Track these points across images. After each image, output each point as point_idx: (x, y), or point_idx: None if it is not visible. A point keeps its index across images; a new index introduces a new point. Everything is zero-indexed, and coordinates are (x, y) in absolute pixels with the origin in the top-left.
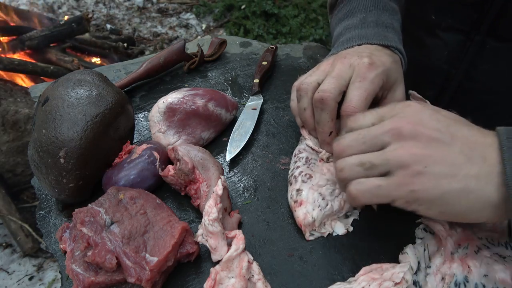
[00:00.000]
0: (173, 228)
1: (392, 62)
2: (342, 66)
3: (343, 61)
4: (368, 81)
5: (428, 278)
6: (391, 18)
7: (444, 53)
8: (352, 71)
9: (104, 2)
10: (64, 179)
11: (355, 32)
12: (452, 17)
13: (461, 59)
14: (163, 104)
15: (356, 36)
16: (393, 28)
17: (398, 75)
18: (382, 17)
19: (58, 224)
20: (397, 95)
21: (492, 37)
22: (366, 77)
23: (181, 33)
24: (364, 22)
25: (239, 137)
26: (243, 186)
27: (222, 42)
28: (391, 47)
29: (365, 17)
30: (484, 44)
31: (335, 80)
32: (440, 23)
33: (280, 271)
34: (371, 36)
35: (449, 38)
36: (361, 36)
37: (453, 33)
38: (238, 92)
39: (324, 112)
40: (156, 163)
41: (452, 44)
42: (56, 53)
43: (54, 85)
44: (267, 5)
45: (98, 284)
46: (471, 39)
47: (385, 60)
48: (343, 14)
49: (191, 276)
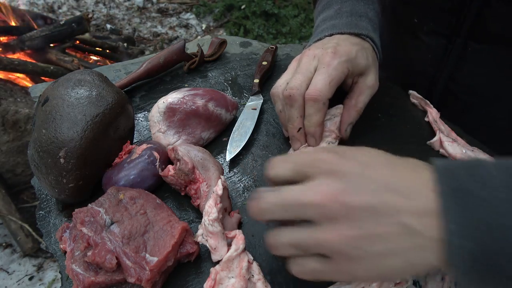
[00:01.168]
0: (173, 228)
1: (358, 50)
2: (307, 59)
3: (308, 54)
4: (332, 67)
5: (428, 278)
6: (365, 7)
7: (428, 56)
8: (317, 62)
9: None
10: (64, 179)
11: (329, 23)
12: (433, 21)
13: (444, 62)
14: (163, 104)
15: (329, 26)
16: (366, 17)
17: (368, 62)
18: (356, 7)
19: (58, 224)
20: (368, 81)
21: (473, 40)
22: (329, 64)
23: (181, 33)
24: (339, 12)
25: (239, 137)
26: (243, 186)
27: (222, 42)
28: (362, 35)
29: (340, 7)
30: (466, 47)
31: (300, 76)
32: (422, 26)
33: (280, 271)
34: (343, 25)
35: (431, 41)
36: (333, 26)
37: (435, 36)
38: (238, 92)
39: (293, 108)
40: (156, 163)
41: (434, 48)
42: (56, 53)
43: (54, 85)
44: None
45: (98, 284)
46: (452, 42)
47: (349, 49)
48: (322, 7)
49: (191, 276)
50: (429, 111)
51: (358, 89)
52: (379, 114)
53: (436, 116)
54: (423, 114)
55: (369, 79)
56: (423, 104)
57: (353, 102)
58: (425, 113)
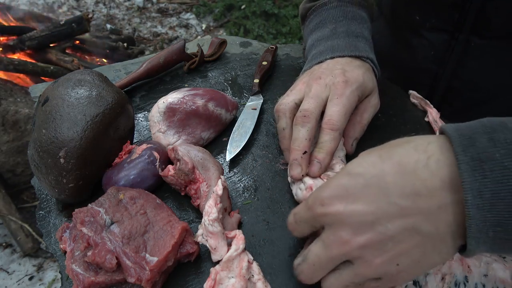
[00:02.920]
0: (173, 228)
1: (364, 73)
2: (318, 86)
3: (318, 82)
4: (345, 97)
5: (428, 278)
6: (360, 27)
7: (430, 53)
8: (328, 91)
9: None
10: (64, 179)
11: (327, 44)
12: (435, 17)
13: (447, 58)
14: (163, 104)
15: (328, 48)
16: (363, 37)
17: (372, 84)
18: (351, 27)
19: (58, 224)
20: (372, 100)
21: (476, 35)
22: (342, 94)
23: (181, 33)
24: (335, 33)
25: (239, 137)
26: (243, 186)
27: (222, 42)
28: (363, 57)
29: (335, 27)
30: (469, 43)
31: (314, 100)
32: (424, 23)
33: (280, 271)
34: (343, 47)
35: (434, 38)
36: (333, 48)
37: (438, 33)
38: (238, 92)
39: (304, 128)
40: (156, 163)
41: (437, 44)
42: (56, 53)
43: (54, 85)
44: (267, 5)
45: (98, 284)
46: (455, 38)
47: (357, 75)
48: (314, 25)
49: (191, 276)
50: (429, 111)
51: (363, 107)
52: (379, 114)
53: (436, 116)
54: (423, 114)
55: (373, 99)
56: (423, 104)
57: (358, 118)
58: (425, 113)
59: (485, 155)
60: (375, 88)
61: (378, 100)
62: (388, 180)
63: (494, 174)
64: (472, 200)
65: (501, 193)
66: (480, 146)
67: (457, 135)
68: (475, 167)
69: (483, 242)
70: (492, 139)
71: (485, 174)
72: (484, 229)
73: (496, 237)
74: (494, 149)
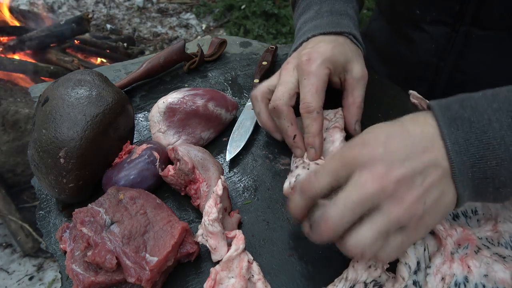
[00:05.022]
0: (173, 228)
1: (334, 47)
2: (285, 72)
3: (286, 67)
4: (312, 75)
5: (428, 278)
6: (345, 6)
7: (431, 46)
8: (296, 73)
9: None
10: (64, 179)
11: (311, 24)
12: (435, 10)
13: (448, 51)
14: (163, 104)
15: (310, 28)
16: (347, 15)
17: (347, 56)
18: (336, 6)
19: (58, 224)
20: (355, 73)
21: (476, 27)
22: (309, 72)
23: (181, 33)
24: (319, 13)
25: (239, 137)
26: (243, 186)
27: (222, 42)
28: (345, 33)
29: (320, 8)
30: (470, 34)
31: (282, 87)
32: (424, 17)
33: (280, 271)
34: (325, 25)
35: (434, 31)
36: (315, 27)
37: (438, 25)
38: (238, 92)
39: (281, 119)
40: (156, 163)
41: (438, 37)
42: (56, 53)
43: (54, 85)
44: (267, 5)
45: (98, 284)
46: (456, 30)
47: (323, 50)
48: (302, 9)
49: (191, 276)
50: None
51: (349, 86)
52: (379, 114)
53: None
54: None
55: (355, 71)
56: (423, 104)
57: (350, 100)
58: None
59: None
60: (353, 60)
61: (362, 71)
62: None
63: (464, 127)
64: (451, 147)
65: (470, 139)
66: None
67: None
68: (451, 124)
69: (466, 185)
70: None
71: (457, 127)
72: (464, 171)
73: (474, 177)
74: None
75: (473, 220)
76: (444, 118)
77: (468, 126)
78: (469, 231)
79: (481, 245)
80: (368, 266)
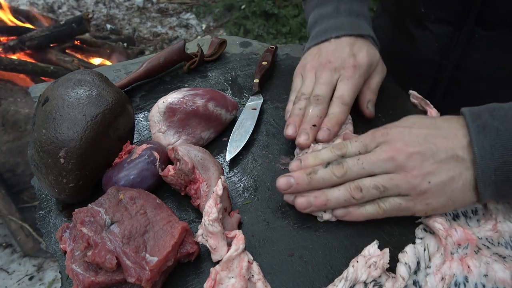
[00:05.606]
0: (173, 228)
1: (367, 52)
2: (328, 72)
3: (328, 67)
4: (354, 79)
5: (428, 278)
6: (361, 6)
7: (434, 45)
8: (338, 74)
9: (104, 2)
10: (64, 179)
11: (330, 22)
12: (440, 9)
13: (451, 50)
14: (163, 104)
15: (332, 26)
16: (363, 16)
17: (376, 58)
18: (353, 6)
19: (58, 224)
20: (378, 69)
21: (480, 26)
22: (352, 77)
23: (181, 33)
24: (338, 11)
25: (239, 137)
26: (243, 186)
27: (222, 42)
28: (365, 36)
29: (338, 6)
30: (473, 34)
31: (325, 87)
32: (429, 15)
33: (280, 271)
34: (347, 26)
35: (438, 29)
36: (337, 27)
37: (442, 24)
38: (238, 92)
39: (317, 107)
40: (156, 163)
41: (441, 36)
42: (56, 53)
43: (54, 85)
44: (267, 5)
45: (98, 284)
46: (459, 29)
47: (364, 57)
48: (316, 2)
49: (191, 276)
50: (429, 111)
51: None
52: (379, 114)
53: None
54: (423, 114)
55: (378, 67)
56: (423, 104)
57: (366, 85)
58: (425, 113)
59: (486, 124)
60: (379, 59)
61: (382, 67)
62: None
63: (491, 134)
64: (478, 151)
65: (496, 145)
66: (483, 119)
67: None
68: (479, 131)
69: (488, 185)
70: (491, 115)
71: (485, 134)
72: (488, 173)
73: (497, 180)
74: (492, 120)
75: (473, 220)
76: (474, 125)
77: (495, 133)
78: (469, 231)
79: (481, 245)
80: (368, 266)
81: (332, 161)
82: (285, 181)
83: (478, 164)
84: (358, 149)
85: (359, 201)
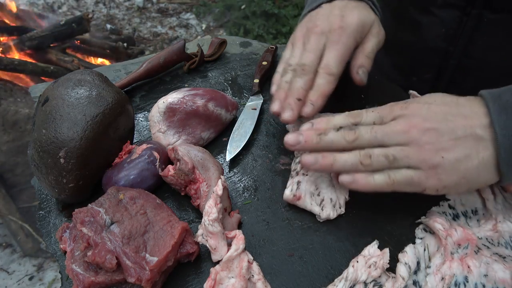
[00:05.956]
0: (173, 228)
1: (359, 12)
2: (315, 36)
3: (315, 31)
4: (341, 43)
5: (428, 278)
6: None
7: (441, 31)
8: (325, 38)
9: (104, 2)
10: (64, 179)
11: None
12: None
13: (458, 35)
14: (163, 104)
15: None
16: None
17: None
18: None
19: (58, 224)
20: (373, 31)
21: (488, 10)
22: (339, 41)
23: (181, 33)
24: None
25: (239, 137)
26: (243, 186)
27: (222, 42)
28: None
29: None
30: (481, 18)
31: (311, 54)
32: (435, 0)
33: (280, 271)
34: None
35: (445, 14)
36: None
37: (449, 9)
38: (238, 92)
39: (302, 79)
40: (156, 163)
41: (448, 21)
42: (56, 53)
43: (54, 85)
44: (267, 5)
45: (98, 284)
46: (467, 13)
47: (353, 17)
48: None
49: (191, 276)
50: None
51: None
52: None
53: None
54: None
55: (373, 29)
56: None
57: (359, 49)
58: None
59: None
60: (375, 20)
61: (379, 29)
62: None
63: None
64: (500, 131)
65: None
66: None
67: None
68: (501, 111)
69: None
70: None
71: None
72: (509, 151)
73: None
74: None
75: (473, 220)
76: (495, 105)
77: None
78: (469, 231)
79: (481, 245)
80: (368, 266)
81: (345, 127)
82: (294, 137)
83: (501, 143)
84: (373, 119)
85: (366, 168)
